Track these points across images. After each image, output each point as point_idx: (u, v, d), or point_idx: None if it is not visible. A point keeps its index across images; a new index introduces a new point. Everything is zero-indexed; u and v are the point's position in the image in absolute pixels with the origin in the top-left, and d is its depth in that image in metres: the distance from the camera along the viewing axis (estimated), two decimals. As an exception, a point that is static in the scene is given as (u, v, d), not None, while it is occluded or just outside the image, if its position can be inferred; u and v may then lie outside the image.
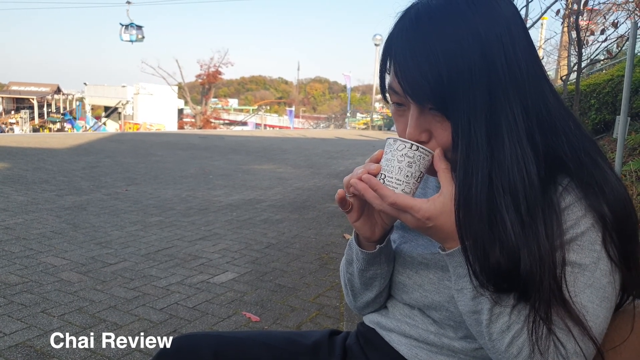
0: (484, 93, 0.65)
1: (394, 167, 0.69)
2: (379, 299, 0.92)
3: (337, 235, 4.09)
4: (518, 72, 0.66)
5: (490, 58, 0.65)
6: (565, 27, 4.75)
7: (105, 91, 35.14)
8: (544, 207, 0.66)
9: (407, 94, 0.68)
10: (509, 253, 0.64)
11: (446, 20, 0.66)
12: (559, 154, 0.69)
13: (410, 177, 0.69)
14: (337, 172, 7.93)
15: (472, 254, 0.66)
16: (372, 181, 0.69)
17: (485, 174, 0.65)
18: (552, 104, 0.70)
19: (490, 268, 0.65)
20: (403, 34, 0.69)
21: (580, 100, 6.30)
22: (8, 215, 4.16)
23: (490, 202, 0.65)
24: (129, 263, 3.16)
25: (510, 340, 0.66)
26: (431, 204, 0.67)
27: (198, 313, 2.49)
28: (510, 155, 0.65)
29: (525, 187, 0.65)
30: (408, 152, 0.69)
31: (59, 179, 6.01)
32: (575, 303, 0.65)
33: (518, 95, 0.66)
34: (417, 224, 0.68)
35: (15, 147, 8.91)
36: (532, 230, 0.65)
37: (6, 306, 2.43)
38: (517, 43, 0.67)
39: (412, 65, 0.67)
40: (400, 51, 0.68)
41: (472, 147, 0.66)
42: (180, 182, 6.25)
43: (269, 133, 19.59)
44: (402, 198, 0.67)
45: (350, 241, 0.88)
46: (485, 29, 0.65)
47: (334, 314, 2.58)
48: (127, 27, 29.78)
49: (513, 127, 0.66)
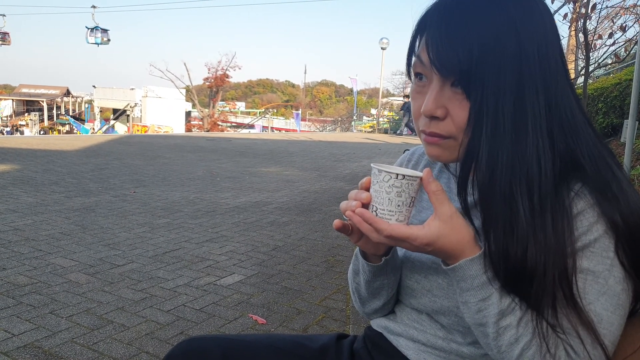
0: (515, 79, 0.66)
1: (383, 198, 0.68)
2: (387, 306, 0.92)
3: (343, 238, 4.08)
4: (547, 70, 0.67)
5: (524, 46, 0.66)
6: (572, 30, 4.72)
7: (113, 94, 35.35)
8: (553, 201, 0.66)
9: (434, 65, 0.68)
10: (520, 240, 0.65)
11: (485, 4, 0.67)
12: (577, 157, 0.69)
13: (402, 206, 0.68)
14: (344, 175, 7.93)
15: (493, 233, 0.66)
16: (365, 215, 0.68)
17: (509, 159, 0.66)
18: (575, 109, 0.71)
19: (505, 251, 0.65)
20: (441, 9, 0.70)
21: (588, 104, 6.26)
22: (17, 216, 4.20)
23: (510, 186, 0.66)
24: (137, 265, 3.18)
25: (519, 353, 0.66)
26: (427, 230, 0.66)
27: (205, 315, 2.51)
28: (531, 145, 0.66)
29: (541, 178, 0.66)
30: (395, 182, 0.67)
31: (67, 180, 6.06)
32: (589, 311, 0.65)
33: (544, 92, 0.67)
34: (417, 250, 0.68)
35: (25, 148, 8.99)
36: (540, 219, 0.65)
37: (15, 307, 2.45)
38: (550, 43, 0.68)
39: (445, 38, 0.67)
40: (435, 24, 0.69)
41: (498, 128, 0.66)
42: (188, 185, 6.28)
43: (275, 136, 19.62)
44: (397, 229, 0.66)
45: (356, 252, 0.88)
46: (524, 23, 0.66)
47: (340, 317, 2.58)
48: (93, 30, 29.75)
49: (537, 119, 0.66)
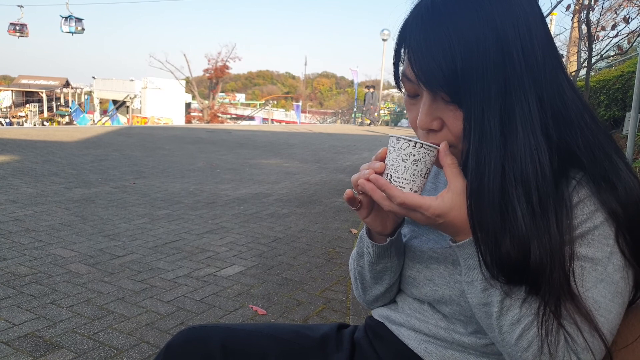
0: (499, 82, 0.64)
1: (399, 166, 0.68)
2: (389, 294, 0.91)
3: (343, 230, 4.09)
4: (534, 63, 0.66)
5: (506, 47, 0.64)
6: (575, 22, 4.69)
7: (113, 85, 35.27)
8: (555, 200, 0.65)
9: (420, 80, 0.68)
10: (519, 244, 0.64)
11: (462, 8, 0.65)
12: (573, 147, 0.68)
13: (417, 175, 0.68)
14: (344, 167, 7.92)
15: (483, 245, 0.65)
16: (379, 181, 0.68)
17: (498, 164, 0.65)
18: (569, 96, 0.69)
19: (501, 259, 0.64)
20: (418, 21, 0.68)
21: (590, 97, 6.24)
22: (18, 207, 4.20)
23: (502, 192, 0.64)
24: (137, 255, 3.18)
25: (520, 333, 0.66)
26: (440, 201, 0.66)
27: (205, 306, 2.51)
28: (523, 146, 0.64)
29: (538, 179, 0.64)
30: (412, 150, 0.67)
31: (67, 171, 6.05)
32: (586, 298, 0.65)
33: (534, 86, 0.66)
34: (428, 221, 0.68)
35: (25, 139, 8.97)
36: (543, 222, 0.64)
37: (16, 297, 2.46)
38: (534, 33, 0.66)
39: (426, 52, 0.66)
40: (414, 38, 0.68)
41: (485, 136, 0.65)
42: (188, 176, 6.27)
43: (276, 128, 19.59)
44: (411, 197, 0.66)
45: (361, 233, 0.88)
46: (502, 18, 0.64)
47: (341, 308, 2.58)
48: (67, 19, 29.70)
49: (527, 118, 0.65)
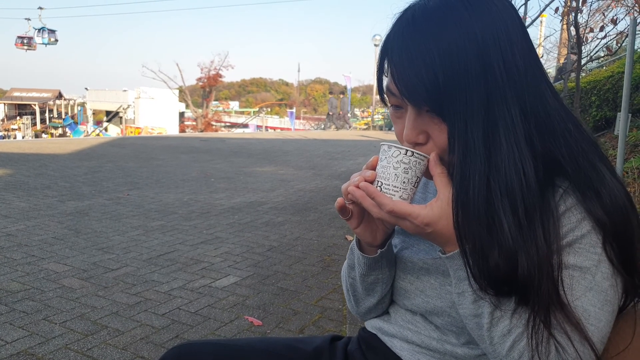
0: (481, 95, 0.64)
1: (390, 174, 0.68)
2: (381, 305, 0.91)
3: (339, 237, 4.08)
4: (516, 74, 0.66)
5: (487, 60, 0.64)
6: (564, 24, 4.73)
7: (106, 96, 35.17)
8: (541, 211, 0.65)
9: (404, 95, 0.68)
10: (507, 256, 0.64)
11: (442, 22, 0.66)
12: (557, 157, 0.68)
13: (407, 183, 0.68)
14: (339, 173, 7.92)
15: (471, 258, 0.65)
16: (369, 189, 0.69)
17: (482, 177, 0.65)
18: (552, 106, 0.69)
19: (489, 271, 0.64)
20: (399, 36, 0.69)
21: (581, 97, 6.28)
22: (10, 222, 4.17)
23: (487, 205, 0.64)
24: (131, 268, 3.16)
25: (511, 345, 0.66)
26: (429, 210, 0.66)
27: (200, 318, 2.49)
28: (507, 158, 0.65)
29: (523, 190, 0.64)
30: (403, 158, 0.68)
31: (60, 184, 6.01)
32: (576, 307, 0.65)
33: (516, 97, 0.66)
34: (417, 230, 0.68)
35: (17, 153, 8.92)
36: (529, 233, 0.64)
37: (8, 314, 2.43)
38: (515, 44, 0.66)
39: (408, 67, 0.66)
40: (396, 53, 0.68)
41: (469, 149, 0.65)
42: (182, 186, 6.25)
43: (270, 135, 19.58)
44: (400, 205, 0.67)
45: (352, 245, 0.88)
46: (482, 31, 0.65)
47: (337, 316, 2.57)
48: (40, 30, 30.25)
49: (510, 130, 0.65)
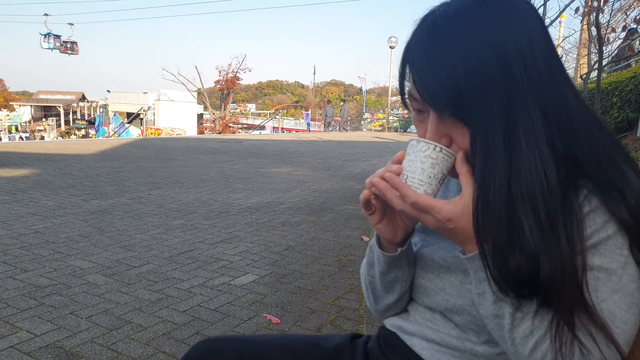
0: (501, 98, 0.65)
1: (417, 167, 0.69)
2: (400, 303, 0.91)
3: (355, 238, 4.11)
4: (536, 76, 0.65)
5: (507, 63, 0.64)
6: (585, 24, 4.68)
7: (127, 98, 35.69)
8: (564, 212, 0.65)
9: (425, 101, 0.69)
10: (528, 258, 0.63)
11: (462, 27, 0.66)
12: (579, 158, 0.68)
13: (432, 179, 0.69)
14: (354, 174, 7.94)
15: (491, 259, 0.65)
16: (394, 180, 0.69)
17: (503, 180, 0.65)
18: (573, 107, 0.69)
19: (509, 273, 0.64)
20: (420, 42, 0.69)
21: (602, 99, 6.19)
22: (38, 219, 4.30)
23: (508, 208, 0.64)
24: (153, 266, 3.24)
25: (533, 346, 0.65)
26: (452, 206, 0.66)
27: (220, 315, 2.55)
28: (528, 161, 0.64)
29: (544, 193, 0.64)
30: (431, 153, 0.68)
31: (84, 184, 6.16)
32: (601, 309, 0.64)
33: (537, 100, 0.65)
34: (438, 225, 0.67)
35: (44, 153, 9.15)
36: (552, 235, 0.63)
37: (37, 308, 2.52)
38: (536, 46, 0.66)
39: (429, 74, 0.67)
40: (418, 59, 0.69)
41: (490, 153, 0.65)
42: (201, 186, 6.35)
43: (286, 136, 19.67)
44: (424, 198, 0.67)
45: (371, 244, 0.87)
46: (502, 34, 0.65)
47: (354, 316, 2.60)
48: (46, 36, 32.11)
49: (531, 132, 0.65)
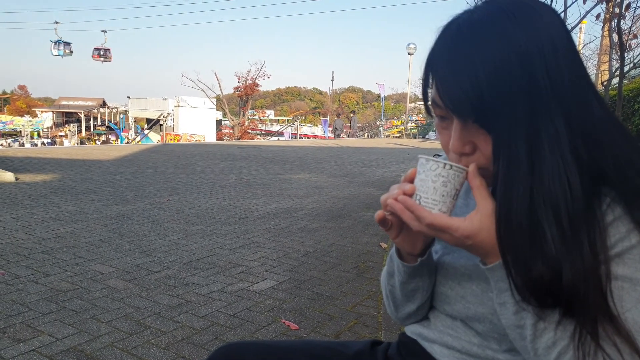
0: (524, 106, 0.64)
1: (428, 187, 0.69)
2: (421, 311, 0.91)
3: (373, 244, 4.09)
4: (560, 84, 0.65)
5: (531, 71, 0.64)
6: (606, 31, 4.61)
7: (147, 104, 36.29)
8: (587, 221, 0.64)
9: (449, 108, 0.69)
10: (550, 267, 0.63)
11: (487, 35, 0.66)
12: (603, 166, 0.67)
13: (446, 196, 0.69)
14: (372, 180, 7.91)
15: (513, 269, 0.65)
16: (407, 202, 0.69)
17: (526, 188, 0.64)
18: (598, 115, 0.69)
19: (532, 283, 0.64)
20: (444, 49, 0.69)
21: (623, 106, 6.09)
22: (59, 224, 4.38)
23: (531, 216, 0.64)
24: (172, 271, 3.27)
25: (556, 357, 0.65)
26: (469, 223, 0.66)
27: (239, 320, 2.55)
28: (551, 169, 0.64)
29: (567, 201, 0.63)
30: (442, 171, 0.68)
31: (105, 189, 6.26)
32: (626, 319, 0.63)
33: (560, 108, 0.65)
34: (456, 242, 0.68)
35: (65, 159, 9.33)
36: (574, 243, 0.63)
37: (58, 312, 2.56)
38: (560, 54, 0.66)
39: (453, 81, 0.67)
40: (441, 67, 0.69)
41: (512, 161, 0.65)
42: (220, 192, 6.39)
43: (304, 143, 19.73)
44: (439, 218, 0.67)
45: (391, 253, 0.87)
46: (527, 43, 0.64)
47: (372, 323, 2.59)
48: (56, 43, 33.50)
49: (555, 140, 0.65)
